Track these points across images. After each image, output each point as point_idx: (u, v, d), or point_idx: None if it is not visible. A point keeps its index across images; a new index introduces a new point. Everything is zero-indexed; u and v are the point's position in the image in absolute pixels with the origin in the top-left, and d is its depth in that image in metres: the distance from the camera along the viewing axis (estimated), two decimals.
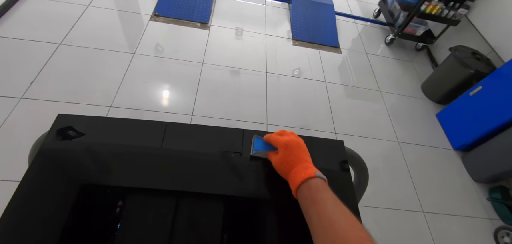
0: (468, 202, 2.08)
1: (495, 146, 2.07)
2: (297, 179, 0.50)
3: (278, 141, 0.57)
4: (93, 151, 0.67)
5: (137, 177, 0.62)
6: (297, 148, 0.55)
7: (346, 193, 0.70)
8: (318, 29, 3.11)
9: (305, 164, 0.53)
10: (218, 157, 0.68)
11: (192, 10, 2.85)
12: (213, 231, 0.57)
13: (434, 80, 2.74)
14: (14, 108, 1.76)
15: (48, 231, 0.51)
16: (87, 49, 2.22)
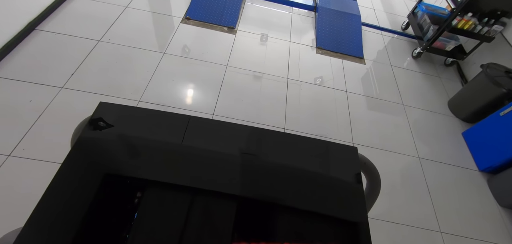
0: (491, 227, 1.94)
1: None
2: None
3: None
4: (126, 141, 0.71)
5: (159, 170, 0.65)
6: None
7: (355, 200, 0.69)
8: (343, 39, 3.06)
9: None
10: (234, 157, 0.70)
11: (221, 15, 2.92)
12: (224, 229, 0.58)
13: (462, 97, 2.59)
14: (56, 96, 1.91)
15: (77, 212, 0.55)
16: (123, 46, 2.35)
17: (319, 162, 0.77)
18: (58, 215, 0.54)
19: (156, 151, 0.69)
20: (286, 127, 2.10)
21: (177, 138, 0.73)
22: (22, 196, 1.47)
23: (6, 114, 1.75)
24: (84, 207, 0.56)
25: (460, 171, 2.18)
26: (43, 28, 2.32)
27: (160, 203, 0.60)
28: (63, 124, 1.78)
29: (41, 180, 1.47)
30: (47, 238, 0.52)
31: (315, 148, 0.80)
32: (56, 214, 0.54)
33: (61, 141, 1.67)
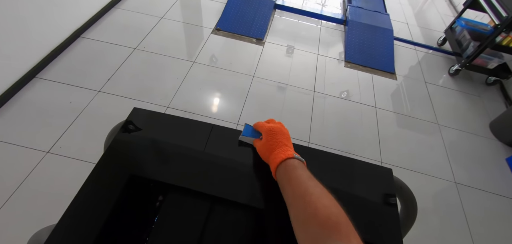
0: None
1: None
2: (276, 160, 0.50)
3: (263, 127, 0.58)
4: (156, 146, 0.70)
5: (184, 176, 0.63)
6: (279, 133, 0.55)
7: (389, 226, 0.62)
8: (373, 53, 2.93)
9: (285, 147, 0.53)
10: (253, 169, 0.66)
11: (250, 27, 2.94)
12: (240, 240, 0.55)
13: (507, 119, 2.34)
14: (93, 99, 2.00)
15: (107, 212, 0.55)
16: (156, 54, 2.43)
17: (351, 182, 0.70)
18: (90, 214, 0.54)
19: (183, 157, 0.67)
20: (310, 141, 2.03)
21: (204, 146, 0.71)
22: (57, 193, 1.53)
23: (48, 113, 1.87)
24: (114, 207, 0.55)
25: (503, 201, 1.95)
26: (86, 36, 2.48)
27: (181, 207, 0.58)
28: (97, 125, 1.86)
29: (75, 179, 1.54)
30: (79, 235, 0.51)
31: (347, 166, 0.74)
32: (88, 213, 0.54)
33: (94, 141, 1.74)
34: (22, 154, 1.65)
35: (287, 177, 0.48)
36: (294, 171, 0.47)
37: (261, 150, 0.57)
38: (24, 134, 1.74)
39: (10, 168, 1.59)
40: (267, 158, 0.55)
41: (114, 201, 0.57)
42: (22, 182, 1.55)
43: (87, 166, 1.64)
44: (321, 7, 3.63)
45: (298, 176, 0.46)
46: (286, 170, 0.49)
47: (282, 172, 0.50)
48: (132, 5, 2.89)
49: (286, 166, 0.49)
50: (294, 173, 0.47)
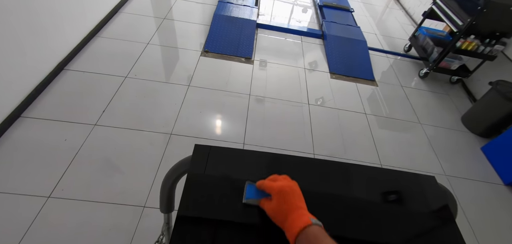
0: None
1: None
2: (294, 230, 0.47)
3: (272, 188, 0.54)
4: (231, 181, 0.68)
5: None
6: (291, 194, 0.52)
7: (449, 235, 0.67)
8: (353, 63, 3.13)
9: (300, 211, 0.50)
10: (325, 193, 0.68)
11: (237, 47, 2.98)
12: None
13: (475, 113, 2.64)
14: (90, 133, 1.88)
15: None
16: (149, 81, 2.36)
17: (400, 195, 0.75)
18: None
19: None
20: (315, 152, 2.09)
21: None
22: (66, 241, 1.40)
23: (43, 155, 1.71)
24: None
25: (486, 187, 2.17)
26: (71, 68, 2.33)
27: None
28: (99, 161, 1.74)
29: (84, 223, 1.42)
30: None
31: (386, 178, 0.78)
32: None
33: (100, 178, 1.63)
34: (19, 203, 1.49)
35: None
36: (316, 241, 0.45)
37: (273, 215, 0.53)
38: (18, 179, 1.57)
39: (7, 221, 1.42)
40: (282, 223, 0.51)
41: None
42: (24, 235, 1.39)
43: (95, 206, 1.53)
44: (298, 23, 3.82)
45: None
46: (307, 241, 0.46)
47: (303, 243, 0.47)
48: (113, 33, 2.79)
49: (307, 236, 0.46)
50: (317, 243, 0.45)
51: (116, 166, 1.73)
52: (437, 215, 0.72)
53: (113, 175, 1.68)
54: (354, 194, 0.72)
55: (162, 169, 1.76)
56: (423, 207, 0.73)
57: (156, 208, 1.58)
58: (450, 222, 0.68)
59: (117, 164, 1.74)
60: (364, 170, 0.80)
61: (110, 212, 1.53)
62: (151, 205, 1.59)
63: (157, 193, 1.63)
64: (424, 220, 0.70)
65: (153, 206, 1.58)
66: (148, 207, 1.58)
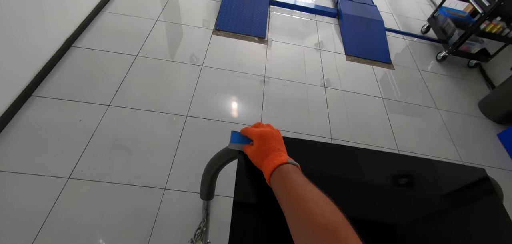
0: None
1: None
2: (270, 167, 0.49)
3: (253, 133, 0.57)
4: None
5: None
6: (271, 138, 0.54)
7: (503, 229, 0.69)
8: (369, 45, 3.10)
9: (278, 152, 0.52)
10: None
11: (250, 25, 2.93)
12: None
13: (494, 99, 2.64)
14: (105, 114, 1.88)
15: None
16: (161, 60, 2.33)
17: (448, 189, 0.77)
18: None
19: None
20: (332, 137, 2.11)
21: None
22: (90, 221, 1.44)
23: (58, 135, 1.73)
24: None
25: (503, 174, 2.21)
26: (79, 45, 2.30)
27: None
28: (116, 143, 1.76)
29: (106, 202, 1.46)
30: None
31: (429, 170, 0.79)
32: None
33: (119, 160, 1.66)
34: (40, 183, 1.52)
35: (282, 184, 0.47)
36: (288, 176, 0.46)
37: (253, 156, 0.55)
38: (36, 161, 1.59)
39: (30, 201, 1.46)
40: (260, 164, 0.53)
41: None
42: (48, 215, 1.43)
43: (116, 188, 1.56)
44: (312, 0, 3.73)
45: (293, 181, 0.45)
46: (280, 176, 0.48)
47: (276, 178, 0.48)
48: (120, 8, 2.73)
49: (280, 172, 0.48)
50: (288, 178, 0.46)
51: (133, 148, 1.75)
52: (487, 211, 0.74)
53: (131, 157, 1.71)
54: (402, 186, 0.74)
55: (180, 152, 1.79)
56: (476, 199, 0.75)
57: (177, 191, 1.62)
58: (503, 218, 0.70)
59: (134, 146, 1.76)
60: (393, 158, 0.81)
61: (131, 193, 1.56)
62: (171, 187, 1.62)
63: (176, 175, 1.67)
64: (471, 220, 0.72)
65: (173, 188, 1.62)
66: (169, 189, 1.61)
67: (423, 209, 0.70)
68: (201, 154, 1.79)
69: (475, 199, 0.76)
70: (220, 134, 1.92)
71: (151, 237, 1.44)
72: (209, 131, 1.94)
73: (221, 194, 1.60)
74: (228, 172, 0.76)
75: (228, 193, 1.61)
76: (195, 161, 1.75)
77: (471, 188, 0.78)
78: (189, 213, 1.54)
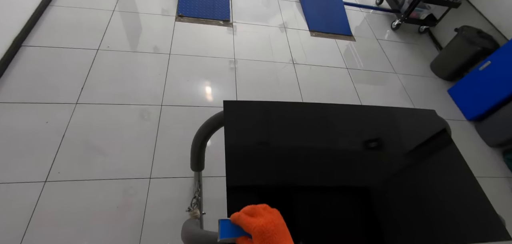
0: (485, 165, 2.37)
1: (506, 113, 2.36)
2: None
3: (251, 227, 0.46)
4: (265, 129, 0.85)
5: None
6: (275, 234, 0.45)
7: (455, 162, 0.90)
8: (330, 19, 3.33)
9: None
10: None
11: (213, 9, 2.98)
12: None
13: (443, 59, 3.03)
14: (73, 113, 1.86)
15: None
16: (125, 52, 2.31)
17: (407, 131, 0.97)
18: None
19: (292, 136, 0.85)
20: None
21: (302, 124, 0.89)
22: (74, 219, 1.46)
23: (25, 141, 1.68)
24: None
25: (453, 123, 2.59)
26: (30, 44, 2.19)
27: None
28: (91, 140, 1.76)
29: (86, 201, 1.48)
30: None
31: (388, 116, 1.01)
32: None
33: (95, 157, 1.67)
34: (15, 191, 1.49)
35: None
36: None
37: None
38: (6, 169, 1.55)
39: (7, 211, 1.43)
40: None
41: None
42: (29, 222, 1.42)
43: (99, 184, 1.59)
44: None
45: None
46: None
47: None
48: (70, 1, 2.61)
49: None
50: None
51: (111, 143, 1.77)
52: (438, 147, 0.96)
53: (110, 153, 1.73)
54: (362, 133, 0.93)
55: (160, 141, 1.84)
56: (427, 135, 0.96)
57: (163, 178, 1.68)
58: (454, 153, 0.92)
59: (111, 141, 1.77)
60: (357, 110, 1.02)
61: (116, 187, 1.60)
62: (157, 175, 1.68)
63: (160, 163, 1.73)
64: (431, 147, 0.93)
65: (159, 176, 1.68)
66: (155, 178, 1.67)
67: (388, 147, 0.89)
68: (181, 140, 1.85)
69: (429, 134, 0.96)
70: (198, 119, 1.98)
71: (143, 226, 1.50)
72: (186, 117, 2.01)
73: (209, 175, 1.70)
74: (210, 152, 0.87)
75: (215, 173, 1.71)
76: (176, 147, 1.82)
77: (425, 126, 0.99)
78: (178, 197, 1.61)
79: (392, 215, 0.74)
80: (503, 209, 2.03)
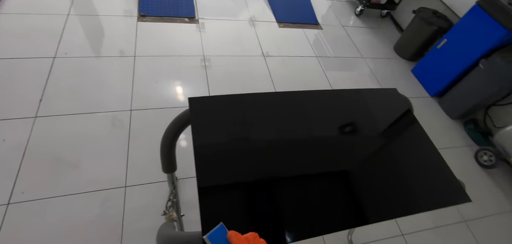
0: (449, 136, 2.58)
1: (464, 86, 2.59)
2: None
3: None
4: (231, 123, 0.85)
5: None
6: None
7: (417, 135, 0.99)
8: (296, 9, 3.41)
9: None
10: None
11: (176, 6, 2.94)
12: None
13: (404, 41, 3.23)
14: (33, 127, 1.75)
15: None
16: (86, 58, 2.22)
17: (373, 110, 1.05)
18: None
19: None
20: None
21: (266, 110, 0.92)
22: (45, 240, 1.39)
23: None
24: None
25: (418, 100, 2.79)
26: None
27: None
28: (56, 154, 1.67)
29: (58, 219, 1.42)
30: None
31: (355, 97, 1.09)
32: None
33: (63, 172, 1.60)
34: None
35: None
36: None
37: None
38: None
39: None
40: None
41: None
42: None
43: (69, 199, 1.52)
44: None
45: None
46: None
47: None
48: (16, 8, 2.43)
49: None
50: None
51: (79, 155, 1.69)
52: (404, 119, 1.04)
53: (78, 165, 1.65)
54: (329, 119, 0.99)
55: (133, 147, 1.79)
56: (392, 114, 1.04)
57: (140, 185, 1.65)
58: (415, 124, 1.00)
59: (80, 153, 1.70)
60: (327, 94, 1.08)
61: (89, 201, 1.54)
62: (133, 183, 1.64)
63: (135, 170, 1.69)
64: (394, 124, 1.00)
65: (135, 183, 1.64)
66: (130, 186, 1.63)
67: (355, 127, 0.96)
68: (155, 144, 1.81)
69: (392, 111, 1.04)
70: (170, 121, 1.97)
71: (123, 237, 1.46)
72: (158, 120, 1.97)
73: (187, 176, 1.69)
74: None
75: (193, 174, 1.71)
76: (150, 152, 1.78)
77: (388, 104, 1.07)
78: (157, 202, 1.59)
79: (364, 193, 0.80)
80: (467, 175, 2.24)
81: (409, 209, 0.79)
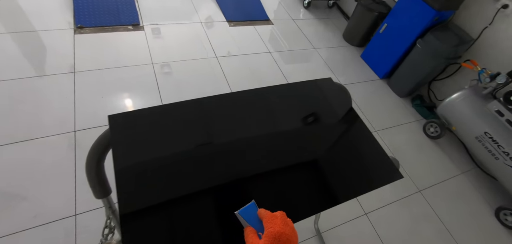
0: (400, 114, 2.81)
1: (407, 66, 2.83)
2: None
3: (267, 228, 0.52)
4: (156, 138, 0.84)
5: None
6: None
7: (352, 120, 1.07)
8: (246, 7, 3.46)
9: None
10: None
11: (117, 14, 2.82)
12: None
13: (351, 28, 3.44)
14: None
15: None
16: (18, 80, 2.04)
17: (316, 100, 1.12)
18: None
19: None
20: None
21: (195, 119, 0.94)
22: None
23: None
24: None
25: (370, 84, 2.99)
26: None
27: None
28: None
29: None
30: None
31: (293, 90, 1.15)
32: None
33: (2, 208, 1.46)
34: None
35: None
36: None
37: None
38: None
39: None
40: None
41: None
42: None
43: (13, 239, 1.40)
44: None
45: None
46: None
47: None
48: None
49: None
50: None
51: (17, 188, 1.56)
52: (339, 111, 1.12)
53: (19, 200, 1.52)
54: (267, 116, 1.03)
55: (80, 171, 1.70)
56: (330, 104, 1.11)
57: (92, 210, 1.56)
58: (351, 111, 1.08)
59: (17, 185, 1.57)
60: (267, 91, 1.12)
61: (35, 237, 1.43)
62: (84, 209, 1.55)
63: (85, 195, 1.60)
64: (334, 117, 1.08)
65: (86, 209, 1.56)
66: (81, 213, 1.54)
67: (292, 121, 1.01)
68: (105, 162, 1.74)
69: (331, 99, 1.12)
70: None
71: None
72: None
73: None
74: None
75: None
76: None
77: (325, 94, 1.14)
78: None
79: (304, 184, 0.84)
80: (418, 147, 2.46)
81: (351, 194, 0.86)
